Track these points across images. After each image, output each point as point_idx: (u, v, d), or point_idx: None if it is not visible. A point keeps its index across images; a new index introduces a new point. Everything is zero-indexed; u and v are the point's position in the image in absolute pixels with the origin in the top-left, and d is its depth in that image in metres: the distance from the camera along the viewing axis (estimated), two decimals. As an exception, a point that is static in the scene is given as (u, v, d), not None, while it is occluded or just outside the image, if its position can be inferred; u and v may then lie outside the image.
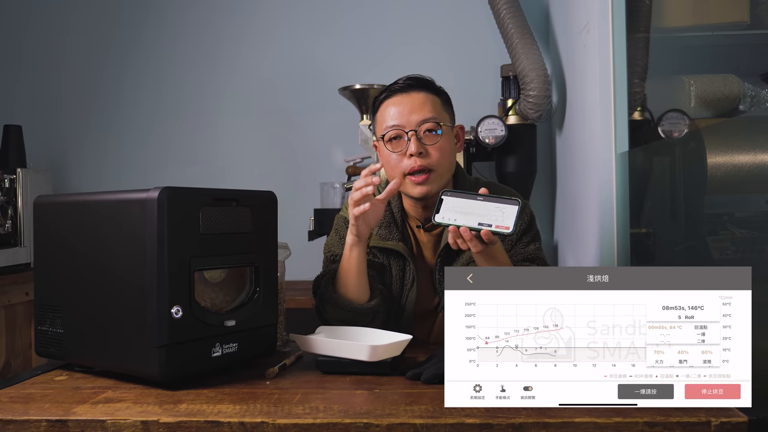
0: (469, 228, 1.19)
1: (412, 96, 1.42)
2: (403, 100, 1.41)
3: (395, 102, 1.42)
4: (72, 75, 3.01)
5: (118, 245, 1.11)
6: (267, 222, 1.24)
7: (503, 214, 1.19)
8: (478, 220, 1.20)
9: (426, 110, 1.40)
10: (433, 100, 1.43)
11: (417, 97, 1.42)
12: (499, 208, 1.20)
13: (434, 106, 1.42)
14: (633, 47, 1.74)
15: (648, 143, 1.80)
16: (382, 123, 1.43)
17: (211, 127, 2.97)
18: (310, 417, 0.93)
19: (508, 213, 1.18)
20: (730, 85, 1.75)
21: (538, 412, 0.92)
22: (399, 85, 1.43)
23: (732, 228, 1.49)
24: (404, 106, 1.40)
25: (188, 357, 1.10)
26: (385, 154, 1.43)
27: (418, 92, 1.42)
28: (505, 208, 1.19)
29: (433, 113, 1.41)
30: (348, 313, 1.37)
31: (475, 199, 1.22)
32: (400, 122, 1.40)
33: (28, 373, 1.22)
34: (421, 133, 1.39)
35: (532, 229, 1.49)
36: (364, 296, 1.39)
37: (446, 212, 1.23)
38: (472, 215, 1.21)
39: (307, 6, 2.93)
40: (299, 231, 2.62)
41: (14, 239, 2.48)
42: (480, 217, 1.20)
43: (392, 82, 1.46)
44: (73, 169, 3.01)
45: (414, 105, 1.40)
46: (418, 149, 1.38)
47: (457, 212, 1.22)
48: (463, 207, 1.22)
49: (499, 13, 2.40)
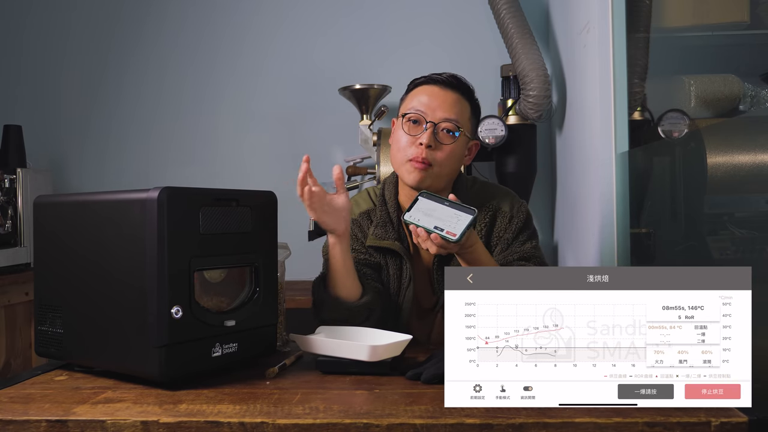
0: (425, 229, 1.23)
1: (447, 93, 1.43)
2: (437, 92, 1.43)
3: (430, 91, 1.44)
4: (72, 75, 3.01)
5: (118, 245, 1.11)
6: (267, 222, 1.24)
7: (458, 221, 1.23)
8: (435, 223, 1.24)
9: (453, 111, 1.42)
10: (464, 105, 1.45)
11: (451, 95, 1.44)
12: (457, 215, 1.24)
13: (462, 111, 1.44)
14: (633, 47, 1.74)
15: (648, 143, 1.80)
16: (409, 103, 1.45)
17: (211, 127, 2.96)
18: (310, 417, 0.93)
19: (462, 221, 1.22)
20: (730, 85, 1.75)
21: (538, 412, 0.92)
22: (442, 77, 1.45)
23: (732, 228, 1.49)
24: (436, 98, 1.42)
25: (188, 357, 1.10)
26: (397, 133, 1.46)
27: (454, 92, 1.44)
28: (461, 216, 1.23)
29: (458, 116, 1.42)
30: (340, 311, 1.37)
31: (442, 204, 1.26)
32: (424, 110, 1.42)
33: (28, 373, 1.22)
34: (439, 129, 1.41)
35: (528, 228, 1.49)
36: (355, 294, 1.39)
37: (415, 212, 1.27)
38: (433, 218, 1.25)
39: (307, 6, 2.93)
40: (299, 231, 2.61)
41: (14, 239, 2.48)
42: (438, 221, 1.24)
43: (437, 73, 1.47)
44: (73, 169, 3.01)
45: (445, 101, 1.42)
46: (429, 141, 1.40)
47: (423, 213, 1.26)
48: (429, 209, 1.27)
49: (499, 13, 2.40)
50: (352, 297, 1.38)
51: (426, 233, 1.23)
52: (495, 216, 1.48)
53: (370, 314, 1.39)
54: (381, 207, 1.51)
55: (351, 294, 1.38)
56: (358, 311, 1.38)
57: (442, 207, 1.26)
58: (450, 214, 1.24)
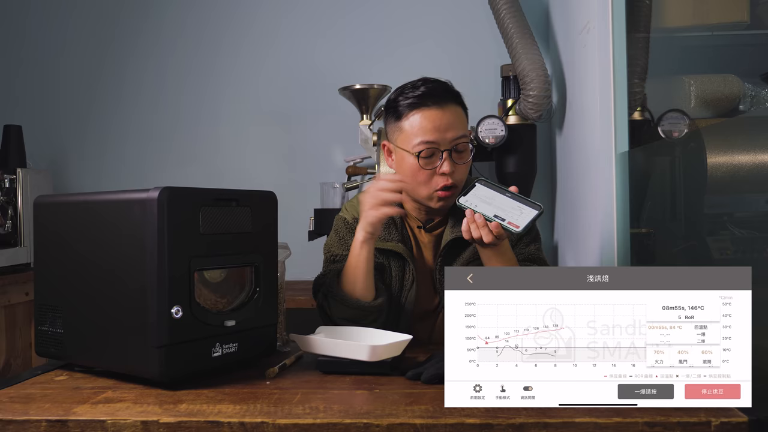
0: (484, 216, 1.21)
1: (446, 111, 1.38)
2: (437, 115, 1.37)
3: (430, 115, 1.37)
4: (72, 75, 3.01)
5: (118, 245, 1.11)
6: (267, 222, 1.24)
7: (521, 214, 1.20)
8: (495, 212, 1.21)
9: (459, 127, 1.39)
10: (461, 114, 1.42)
11: (452, 111, 1.39)
12: (520, 207, 1.21)
13: (464, 121, 1.42)
14: (633, 47, 1.74)
15: (648, 143, 1.80)
16: (412, 134, 1.38)
17: (211, 127, 2.96)
18: (310, 417, 0.93)
19: (526, 214, 1.20)
20: (730, 85, 1.75)
21: (538, 412, 0.92)
22: (429, 93, 1.38)
23: (732, 228, 1.49)
24: (440, 121, 1.37)
25: (188, 357, 1.10)
26: (410, 167, 1.40)
27: (451, 106, 1.40)
28: (525, 209, 1.21)
29: (464, 130, 1.40)
30: (355, 310, 1.38)
31: (503, 194, 1.24)
32: (436, 139, 1.37)
33: (28, 373, 1.22)
34: (453, 152, 1.39)
35: (532, 230, 1.49)
36: (371, 294, 1.39)
37: (471, 197, 1.25)
38: (492, 206, 1.23)
39: (307, 6, 2.93)
40: (299, 231, 2.62)
41: (14, 239, 2.48)
42: (498, 210, 1.22)
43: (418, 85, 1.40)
44: (73, 169, 3.01)
45: (450, 121, 1.38)
46: (450, 169, 1.37)
47: (481, 200, 1.24)
48: (488, 197, 1.25)
49: (499, 13, 2.40)
50: (368, 297, 1.39)
51: (484, 220, 1.21)
52: None
53: (379, 315, 1.41)
54: None
55: (367, 294, 1.38)
56: (372, 311, 1.39)
57: (502, 197, 1.23)
58: (512, 206, 1.22)
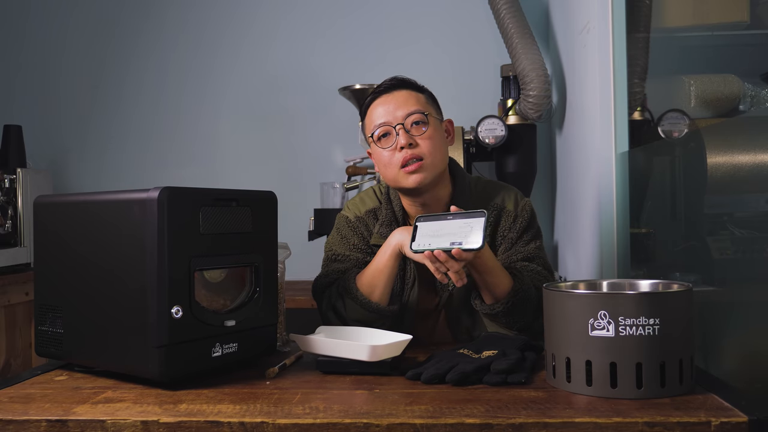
0: (442, 250, 1.19)
1: (395, 94, 1.44)
2: (387, 99, 1.44)
3: (380, 102, 1.45)
4: (72, 75, 3.01)
5: (118, 245, 1.11)
6: (267, 222, 1.24)
7: (471, 230, 1.18)
8: (450, 240, 1.19)
9: (410, 104, 1.43)
10: (417, 96, 1.45)
11: (400, 94, 1.44)
12: (468, 223, 1.20)
13: (419, 101, 1.44)
14: (633, 47, 1.74)
15: (648, 143, 1.80)
16: (370, 125, 1.46)
17: (211, 127, 2.97)
18: (310, 417, 0.93)
19: (476, 227, 1.18)
20: (730, 85, 1.75)
21: (539, 412, 0.92)
22: (382, 87, 1.46)
23: (732, 228, 1.49)
24: (389, 104, 1.43)
25: (188, 357, 1.10)
26: (377, 154, 1.45)
27: (401, 90, 1.45)
28: (473, 222, 1.19)
29: (418, 106, 1.43)
30: (372, 314, 1.40)
31: (446, 219, 1.23)
32: (386, 119, 1.42)
33: (28, 373, 1.22)
34: (408, 126, 1.41)
35: (532, 227, 1.49)
36: (387, 299, 1.41)
37: (421, 238, 1.23)
38: (445, 236, 1.20)
39: (306, 6, 2.93)
40: (299, 231, 2.62)
41: (14, 239, 2.48)
42: (451, 236, 1.20)
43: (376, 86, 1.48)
44: (73, 169, 3.01)
45: (398, 102, 1.43)
46: (407, 141, 1.40)
47: (431, 236, 1.22)
48: (436, 230, 1.23)
49: (499, 13, 2.40)
50: (383, 302, 1.41)
51: (445, 254, 1.19)
52: (500, 215, 1.48)
53: (390, 320, 1.43)
54: (386, 206, 1.51)
55: (384, 299, 1.41)
56: (387, 316, 1.42)
57: (447, 222, 1.22)
58: (459, 225, 1.20)
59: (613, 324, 0.98)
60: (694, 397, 0.98)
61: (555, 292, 1.06)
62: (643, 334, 0.98)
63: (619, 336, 0.98)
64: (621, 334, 0.98)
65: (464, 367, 1.09)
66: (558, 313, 1.05)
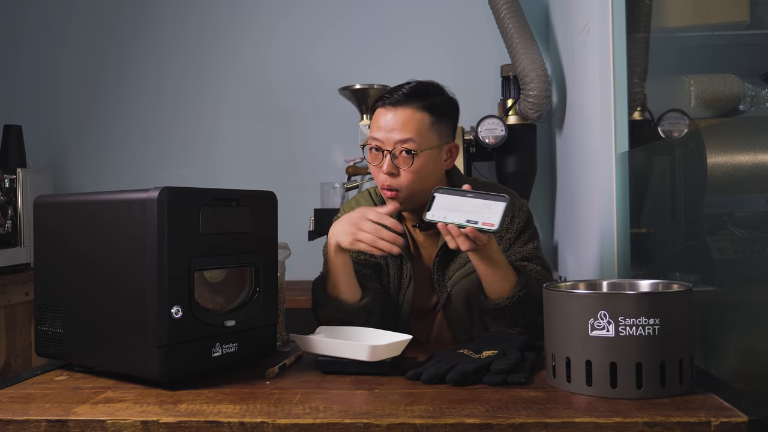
0: (457, 225, 1.19)
1: (400, 111, 1.38)
2: (389, 114, 1.39)
3: (383, 114, 1.40)
4: (72, 75, 3.01)
5: (118, 245, 1.11)
6: (267, 222, 1.24)
7: (490, 211, 1.18)
8: (467, 217, 1.19)
9: (408, 130, 1.37)
10: (421, 118, 1.38)
11: (405, 113, 1.38)
12: (487, 204, 1.19)
13: (420, 127, 1.38)
14: (633, 47, 1.74)
15: (648, 143, 1.80)
16: (372, 128, 1.44)
17: (211, 127, 2.96)
18: (310, 417, 0.93)
19: (495, 210, 1.17)
20: (730, 85, 1.75)
21: (539, 412, 0.92)
22: (396, 95, 1.40)
23: (732, 228, 1.49)
24: (389, 122, 1.39)
25: (188, 357, 1.10)
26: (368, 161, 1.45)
27: (409, 107, 1.38)
28: (493, 204, 1.18)
29: (414, 134, 1.37)
30: (340, 313, 1.37)
31: (465, 196, 1.21)
32: (380, 138, 1.39)
33: (28, 373, 1.22)
34: (397, 153, 1.38)
35: (529, 228, 1.49)
36: (356, 295, 1.39)
37: (437, 210, 1.23)
38: (461, 212, 1.20)
39: (306, 6, 2.93)
40: (299, 231, 2.62)
41: (14, 239, 2.48)
42: (468, 214, 1.19)
43: (397, 86, 1.43)
44: (73, 169, 3.01)
45: (397, 122, 1.38)
46: (389, 169, 1.38)
47: (447, 209, 1.22)
48: (453, 204, 1.22)
49: (499, 13, 2.40)
50: (352, 299, 1.38)
51: (458, 229, 1.19)
52: None
53: (369, 316, 1.40)
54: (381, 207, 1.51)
55: (351, 296, 1.38)
56: (357, 313, 1.38)
57: (466, 199, 1.21)
58: (478, 205, 1.19)
59: (613, 324, 0.98)
60: (694, 397, 0.98)
61: (555, 292, 1.06)
62: (643, 334, 0.98)
63: (619, 336, 0.98)
64: (621, 334, 0.98)
65: (464, 367, 1.09)
66: (558, 313, 1.05)
